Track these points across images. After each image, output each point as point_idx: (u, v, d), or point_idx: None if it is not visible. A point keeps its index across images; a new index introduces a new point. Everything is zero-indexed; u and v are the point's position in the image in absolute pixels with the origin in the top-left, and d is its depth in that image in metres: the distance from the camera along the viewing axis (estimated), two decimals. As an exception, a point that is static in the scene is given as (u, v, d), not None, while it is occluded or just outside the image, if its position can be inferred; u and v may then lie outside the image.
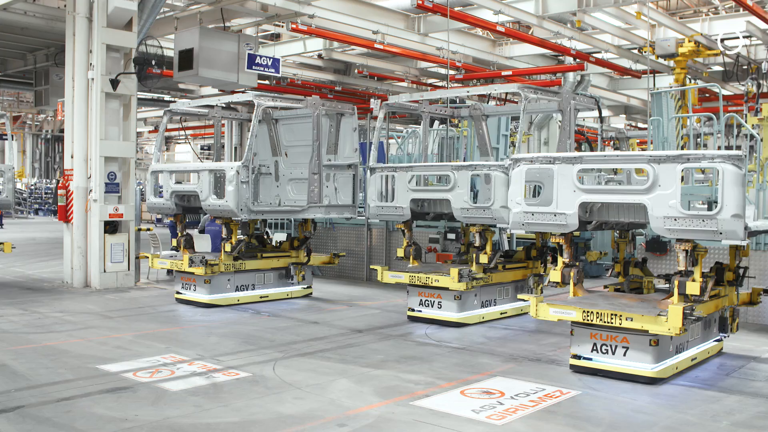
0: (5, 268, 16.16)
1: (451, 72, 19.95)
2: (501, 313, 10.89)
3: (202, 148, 45.11)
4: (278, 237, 15.44)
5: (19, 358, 7.92)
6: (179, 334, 9.68)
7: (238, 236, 11.74)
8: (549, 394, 6.81)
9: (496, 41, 20.93)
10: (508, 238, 13.72)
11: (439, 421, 5.99)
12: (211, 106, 13.06)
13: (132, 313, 10.94)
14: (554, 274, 7.77)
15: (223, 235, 11.64)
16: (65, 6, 13.65)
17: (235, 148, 27.77)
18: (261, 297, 12.18)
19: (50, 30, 16.15)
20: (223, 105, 13.04)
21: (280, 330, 9.84)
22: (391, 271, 10.70)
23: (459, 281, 9.78)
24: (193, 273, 11.46)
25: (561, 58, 21.19)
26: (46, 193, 42.19)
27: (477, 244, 10.02)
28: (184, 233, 12.11)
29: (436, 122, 16.02)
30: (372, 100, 16.92)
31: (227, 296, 11.72)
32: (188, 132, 38.18)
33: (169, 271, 14.90)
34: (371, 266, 11.46)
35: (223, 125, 22.04)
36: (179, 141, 55.00)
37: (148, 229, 15.06)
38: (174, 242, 12.14)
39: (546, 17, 16.64)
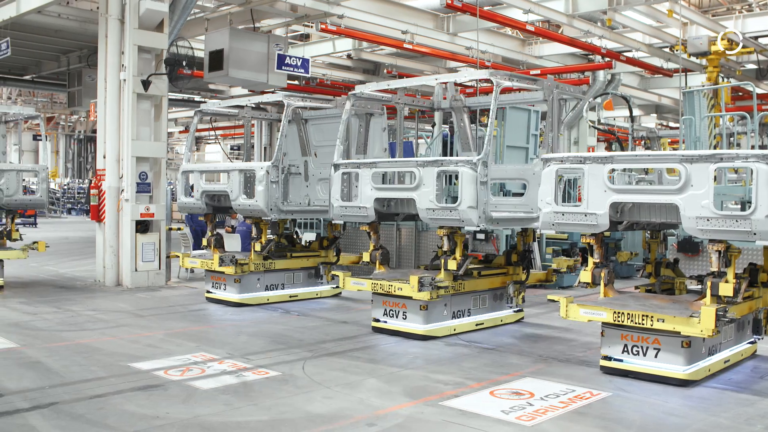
0: (39, 267, 16.42)
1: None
2: (476, 325, 9.87)
3: (231, 148, 45.42)
4: (308, 237, 15.49)
5: (53, 356, 8.04)
6: (209, 332, 9.77)
7: (267, 236, 11.81)
8: (579, 395, 6.76)
9: (525, 40, 20.82)
10: (538, 238, 13.55)
11: (468, 421, 5.98)
12: (241, 107, 13.14)
13: (163, 312, 11.05)
14: (585, 275, 7.71)
15: (253, 235, 11.73)
16: (98, 8, 13.83)
17: (265, 148, 27.91)
18: (290, 296, 12.23)
19: (83, 32, 16.40)
20: (253, 105, 13.10)
21: (309, 329, 9.88)
22: (354, 277, 9.84)
23: (420, 290, 8.78)
24: (223, 272, 11.55)
25: (591, 57, 21.02)
26: (78, 193, 42.78)
27: (445, 248, 9.14)
28: (214, 233, 12.22)
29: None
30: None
31: (257, 295, 11.79)
32: (218, 132, 38.49)
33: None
34: (333, 272, 10.75)
35: (252, 125, 22.16)
36: (209, 141, 55.50)
37: (179, 229, 15.21)
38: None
39: (576, 16, 16.52)
